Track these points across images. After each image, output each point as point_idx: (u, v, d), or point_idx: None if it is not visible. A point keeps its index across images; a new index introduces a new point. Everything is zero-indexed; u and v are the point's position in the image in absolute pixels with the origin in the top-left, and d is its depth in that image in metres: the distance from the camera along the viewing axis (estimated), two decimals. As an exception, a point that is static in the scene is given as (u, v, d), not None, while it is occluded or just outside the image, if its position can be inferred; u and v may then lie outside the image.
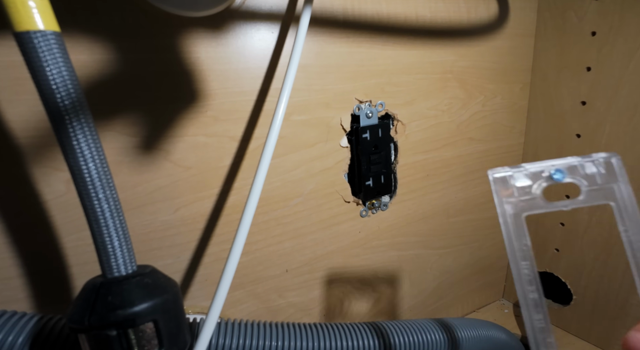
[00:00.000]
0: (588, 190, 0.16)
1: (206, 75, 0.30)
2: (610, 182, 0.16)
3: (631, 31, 0.39)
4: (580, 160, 0.16)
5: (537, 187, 0.16)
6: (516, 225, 0.16)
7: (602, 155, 0.16)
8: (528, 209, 0.16)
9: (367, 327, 0.31)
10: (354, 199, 0.40)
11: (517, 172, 0.16)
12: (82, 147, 0.17)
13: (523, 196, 0.16)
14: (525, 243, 0.16)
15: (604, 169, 0.16)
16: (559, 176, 0.16)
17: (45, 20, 0.15)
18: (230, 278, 0.23)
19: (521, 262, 0.16)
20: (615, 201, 0.16)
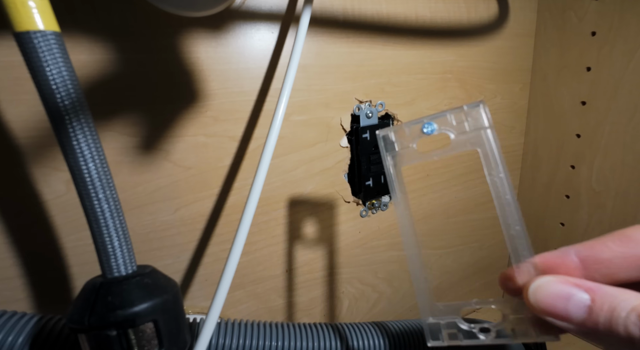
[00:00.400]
0: (456, 139, 0.17)
1: (206, 75, 0.30)
2: (477, 130, 0.17)
3: (631, 31, 0.39)
4: (450, 112, 0.17)
5: (413, 141, 0.18)
6: (397, 176, 0.19)
7: (469, 104, 0.17)
8: (405, 161, 0.18)
9: (367, 327, 0.31)
10: (354, 199, 0.40)
11: (397, 130, 0.18)
12: (82, 147, 0.17)
13: (402, 150, 0.18)
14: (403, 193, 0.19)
15: (471, 117, 0.17)
16: (429, 129, 0.17)
17: (45, 20, 0.15)
18: (230, 278, 0.23)
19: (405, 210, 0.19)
20: (482, 147, 0.16)
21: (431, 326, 0.18)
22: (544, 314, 0.15)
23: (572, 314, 0.14)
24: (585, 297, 0.14)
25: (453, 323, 0.18)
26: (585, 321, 0.14)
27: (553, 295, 0.14)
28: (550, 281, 0.15)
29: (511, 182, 0.16)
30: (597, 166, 0.45)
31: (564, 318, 0.14)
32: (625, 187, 0.43)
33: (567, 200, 0.49)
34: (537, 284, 0.15)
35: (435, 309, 0.18)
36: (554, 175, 0.50)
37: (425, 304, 0.18)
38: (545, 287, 0.15)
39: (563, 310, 0.14)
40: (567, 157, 0.48)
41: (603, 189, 0.45)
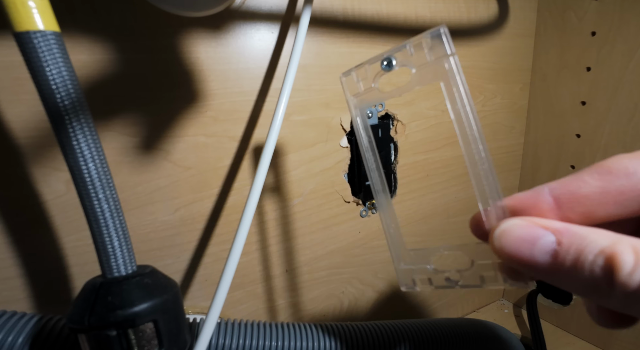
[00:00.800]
0: (418, 73, 0.15)
1: (206, 75, 0.30)
2: (439, 58, 0.15)
3: (631, 31, 0.39)
4: (409, 42, 0.15)
5: (375, 81, 0.17)
6: (362, 118, 0.18)
7: (430, 31, 0.15)
8: (368, 102, 0.17)
9: (367, 327, 0.31)
10: (353, 199, 0.40)
11: (359, 69, 0.17)
12: (82, 147, 0.17)
13: (365, 91, 0.17)
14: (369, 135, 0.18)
15: (432, 46, 0.15)
16: (387, 63, 0.16)
17: (45, 20, 0.15)
18: (230, 278, 0.23)
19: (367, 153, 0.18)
20: (444, 77, 0.15)
21: (404, 272, 0.18)
22: (510, 261, 0.13)
23: (538, 259, 0.13)
24: (552, 240, 0.12)
25: (424, 269, 0.18)
26: (550, 266, 0.12)
27: (518, 240, 0.13)
28: (516, 224, 0.14)
29: (478, 117, 0.15)
30: (597, 166, 0.45)
31: (529, 264, 0.13)
32: (625, 187, 0.43)
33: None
34: (502, 228, 0.14)
35: (406, 256, 0.18)
36: (554, 175, 0.50)
37: (397, 250, 0.19)
38: (510, 231, 0.14)
39: (528, 255, 0.13)
40: (567, 157, 0.48)
41: (603, 189, 0.45)
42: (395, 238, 0.19)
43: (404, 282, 0.18)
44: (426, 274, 0.18)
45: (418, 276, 0.18)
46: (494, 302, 0.60)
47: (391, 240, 0.19)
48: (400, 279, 0.18)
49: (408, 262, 0.18)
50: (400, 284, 0.18)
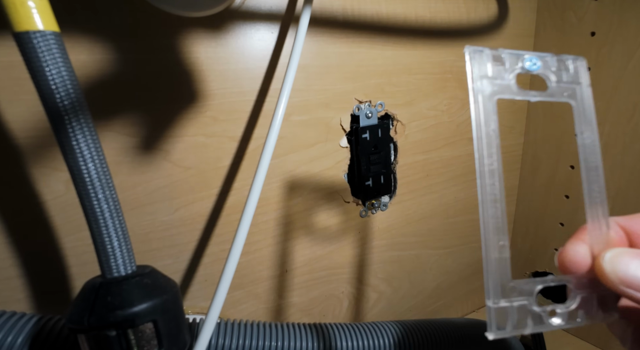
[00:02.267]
0: (554, 86, 0.16)
1: (205, 75, 0.30)
2: (574, 83, 0.16)
3: (630, 31, 0.39)
4: (551, 56, 0.16)
5: (511, 72, 0.16)
6: (488, 106, 0.15)
7: (570, 56, 0.16)
8: (500, 92, 0.15)
9: (367, 327, 0.31)
10: (353, 199, 0.40)
11: (494, 53, 0.16)
12: (81, 147, 0.17)
13: (497, 79, 0.15)
14: (494, 128, 0.15)
15: (571, 69, 0.16)
16: (533, 65, 0.16)
17: (44, 20, 0.15)
18: (229, 278, 0.23)
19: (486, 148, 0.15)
20: (576, 101, 0.16)
21: (499, 312, 0.14)
22: (625, 285, 0.13)
23: None
24: None
25: (524, 306, 0.14)
26: None
27: (635, 266, 0.13)
28: (629, 251, 0.14)
29: (599, 145, 0.16)
30: (596, 166, 0.45)
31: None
32: (624, 187, 0.43)
33: (566, 200, 0.49)
34: (615, 252, 0.14)
35: (507, 289, 0.14)
36: (554, 175, 0.50)
37: (496, 282, 0.14)
38: (625, 256, 0.14)
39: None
40: (567, 157, 0.48)
41: (602, 189, 0.45)
42: (499, 265, 0.14)
43: (496, 326, 0.14)
44: (525, 313, 0.15)
45: (515, 316, 0.14)
46: (494, 302, 0.60)
47: (491, 266, 0.14)
48: (492, 321, 0.14)
49: (508, 297, 0.14)
50: (491, 328, 0.14)
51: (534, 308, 0.15)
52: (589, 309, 0.15)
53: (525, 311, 0.15)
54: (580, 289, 0.15)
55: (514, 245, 0.57)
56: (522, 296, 0.15)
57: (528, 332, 0.15)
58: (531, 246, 0.54)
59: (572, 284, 0.15)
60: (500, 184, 0.15)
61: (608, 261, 0.14)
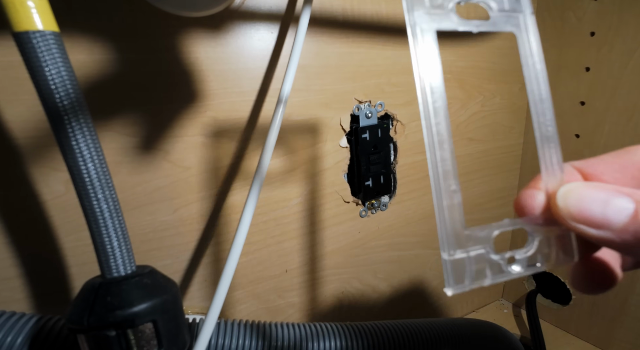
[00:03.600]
0: (496, 15, 0.15)
1: (205, 75, 0.30)
2: (516, 12, 0.15)
3: (630, 31, 0.39)
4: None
5: (449, 1, 0.14)
6: (428, 40, 0.14)
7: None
8: (439, 23, 0.14)
9: (366, 327, 0.31)
10: (353, 199, 0.40)
11: None
12: (81, 147, 0.17)
13: (435, 9, 0.14)
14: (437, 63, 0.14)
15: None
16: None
17: (44, 20, 0.15)
18: (229, 278, 0.23)
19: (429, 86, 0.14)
20: (519, 30, 0.15)
21: (456, 264, 0.13)
22: (577, 221, 0.13)
23: (612, 219, 0.12)
24: (627, 200, 0.12)
25: (482, 255, 0.14)
26: (628, 226, 0.12)
27: (587, 198, 0.12)
28: (582, 185, 0.13)
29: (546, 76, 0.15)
30: (596, 166, 0.45)
31: (601, 223, 0.12)
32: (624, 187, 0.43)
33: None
34: (567, 187, 0.13)
35: (462, 238, 0.13)
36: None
37: (450, 231, 0.13)
38: (577, 190, 0.13)
39: (600, 214, 0.12)
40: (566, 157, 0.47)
41: (602, 189, 0.45)
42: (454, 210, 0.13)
43: (454, 280, 0.13)
44: (483, 263, 0.14)
45: (474, 267, 0.13)
46: (494, 302, 0.60)
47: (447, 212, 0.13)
48: (450, 274, 0.13)
49: (464, 247, 0.13)
50: (448, 283, 0.13)
51: (491, 256, 0.14)
52: (547, 253, 0.14)
53: (483, 260, 0.14)
54: (537, 232, 0.14)
55: (513, 245, 0.57)
56: (479, 244, 0.14)
57: (487, 283, 0.14)
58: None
59: (529, 227, 0.15)
60: (446, 123, 0.13)
61: (561, 197, 0.13)
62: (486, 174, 0.51)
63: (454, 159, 0.13)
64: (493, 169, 0.51)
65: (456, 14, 0.14)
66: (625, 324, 0.44)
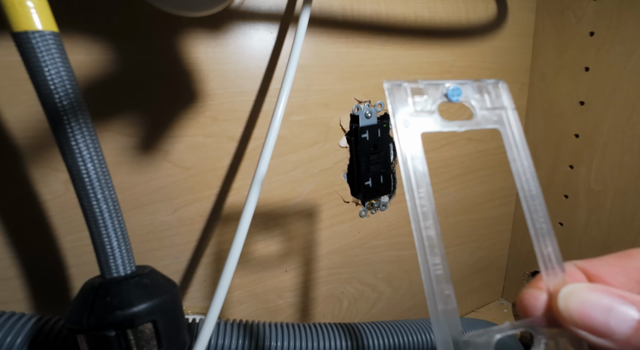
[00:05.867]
0: (480, 114, 0.15)
1: (205, 75, 0.30)
2: (499, 108, 0.15)
3: (629, 31, 0.40)
4: (471, 82, 0.15)
5: (432, 104, 0.15)
6: (414, 142, 0.14)
7: (490, 81, 0.15)
8: (424, 126, 0.14)
9: (366, 327, 0.32)
10: (353, 199, 0.40)
11: (413, 85, 0.15)
12: (80, 147, 0.17)
13: (419, 112, 0.14)
14: (422, 166, 0.14)
15: (492, 94, 0.15)
16: (455, 94, 0.15)
17: (43, 20, 0.15)
18: (229, 278, 0.23)
19: (416, 189, 0.14)
20: (504, 126, 0.15)
21: None
22: (577, 326, 0.12)
23: (614, 329, 0.11)
24: (632, 310, 0.11)
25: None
26: (631, 338, 0.11)
27: (590, 304, 0.12)
28: (584, 287, 0.12)
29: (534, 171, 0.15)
30: (595, 166, 0.45)
31: (603, 332, 0.11)
32: (623, 186, 0.43)
33: (565, 200, 0.49)
34: (569, 288, 0.12)
35: (460, 344, 0.13)
36: (553, 175, 0.50)
37: (446, 336, 0.13)
38: (579, 293, 0.12)
39: (602, 322, 0.11)
40: (566, 157, 0.48)
41: (601, 188, 0.45)
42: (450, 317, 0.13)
43: None
44: None
45: None
46: (493, 302, 0.60)
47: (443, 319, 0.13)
48: None
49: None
50: None
51: None
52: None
53: None
54: (543, 334, 0.14)
55: (512, 245, 0.57)
56: None
57: None
58: (530, 246, 0.54)
59: (534, 329, 0.14)
60: (435, 226, 0.13)
61: (562, 298, 0.12)
62: (486, 174, 0.51)
63: (445, 265, 0.13)
64: (492, 169, 0.51)
65: (439, 116, 0.15)
66: (625, 323, 0.44)
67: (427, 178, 0.14)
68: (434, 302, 0.13)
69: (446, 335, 0.13)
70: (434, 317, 0.13)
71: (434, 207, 0.13)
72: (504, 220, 0.56)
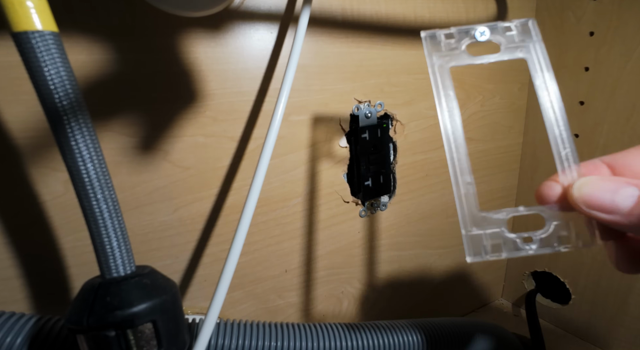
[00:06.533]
0: (506, 48, 0.18)
1: (205, 75, 0.30)
2: (526, 42, 0.18)
3: (629, 31, 0.40)
4: (501, 23, 0.18)
5: (462, 44, 0.18)
6: (442, 75, 0.18)
7: (519, 20, 0.18)
8: (453, 62, 0.18)
9: (366, 327, 0.31)
10: (353, 199, 0.40)
11: (445, 32, 0.18)
12: (80, 147, 0.17)
13: (450, 51, 0.18)
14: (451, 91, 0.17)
15: (521, 30, 0.18)
16: (482, 34, 0.18)
17: (43, 20, 0.15)
18: (229, 278, 0.23)
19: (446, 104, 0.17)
20: (530, 54, 0.17)
21: (473, 238, 0.17)
22: (590, 208, 0.15)
23: (620, 205, 0.14)
24: (633, 189, 0.14)
25: (497, 233, 0.17)
26: (633, 210, 0.14)
27: (599, 189, 0.15)
28: (595, 177, 0.15)
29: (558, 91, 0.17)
30: (595, 166, 0.45)
31: (610, 209, 0.14)
32: (623, 186, 0.43)
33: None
34: (582, 180, 0.16)
35: (478, 219, 0.17)
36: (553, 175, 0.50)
37: (467, 212, 0.17)
38: (591, 182, 0.15)
39: (610, 201, 0.14)
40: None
41: (601, 188, 0.45)
42: (468, 198, 0.17)
43: (472, 251, 0.17)
44: (498, 239, 0.17)
45: (489, 242, 0.17)
46: (493, 301, 0.60)
47: (462, 200, 0.17)
48: (468, 247, 0.17)
49: (480, 226, 0.17)
50: (468, 253, 0.17)
51: (506, 234, 0.16)
52: (566, 236, 0.17)
53: (498, 237, 0.17)
54: (554, 217, 0.17)
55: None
56: (494, 225, 0.17)
57: (504, 256, 0.16)
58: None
59: (546, 213, 0.17)
60: (460, 130, 0.17)
61: (576, 188, 0.16)
62: (485, 174, 0.51)
63: (467, 158, 0.17)
64: (492, 169, 0.51)
65: (467, 52, 0.18)
66: (625, 323, 0.44)
67: (455, 101, 0.17)
68: (459, 188, 0.17)
69: (467, 211, 0.17)
70: (458, 199, 0.17)
71: (460, 119, 0.17)
72: (504, 220, 0.55)
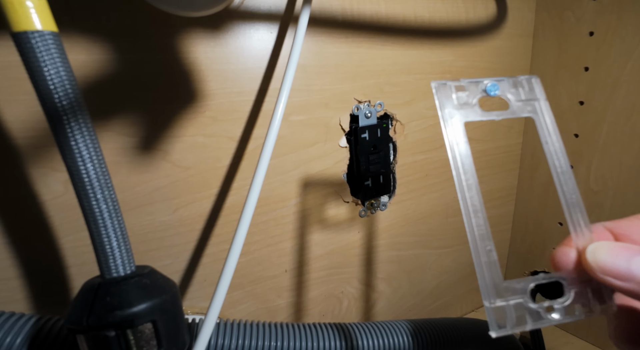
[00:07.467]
0: (515, 105, 0.18)
1: (205, 75, 0.30)
2: (532, 100, 0.18)
3: (629, 31, 0.40)
4: (507, 79, 0.18)
5: (473, 98, 0.18)
6: (458, 131, 0.17)
7: (524, 76, 0.18)
8: (466, 117, 0.17)
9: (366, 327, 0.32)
10: (353, 199, 0.40)
11: (456, 84, 0.18)
12: (80, 147, 0.17)
13: (462, 106, 0.18)
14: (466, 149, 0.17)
15: (526, 87, 0.18)
16: (493, 89, 0.18)
17: (43, 20, 0.15)
18: (229, 278, 0.23)
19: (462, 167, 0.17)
20: (536, 115, 0.18)
21: (497, 311, 0.15)
22: (605, 273, 0.14)
23: (635, 272, 0.14)
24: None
25: (521, 304, 0.16)
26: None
27: (614, 254, 0.14)
28: (609, 243, 0.15)
29: (565, 151, 0.17)
30: (595, 166, 0.45)
31: (626, 276, 0.14)
32: (623, 186, 0.43)
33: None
34: (596, 245, 0.15)
35: (501, 289, 0.16)
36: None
37: (489, 283, 0.16)
38: (605, 247, 0.15)
39: (625, 268, 0.14)
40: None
41: (601, 188, 0.45)
42: (489, 268, 0.16)
43: (497, 324, 0.15)
44: (522, 310, 0.15)
45: (514, 314, 0.15)
46: (493, 301, 0.60)
47: (482, 270, 0.16)
48: (492, 320, 0.15)
49: (503, 297, 0.15)
50: (492, 327, 0.15)
51: (530, 305, 0.16)
52: (585, 303, 0.16)
53: (522, 308, 0.16)
54: (573, 284, 0.16)
55: (512, 244, 0.57)
56: (517, 295, 0.16)
57: (529, 328, 0.15)
58: (530, 246, 0.54)
59: (565, 280, 0.16)
60: (478, 196, 0.16)
61: (590, 253, 0.15)
62: (485, 174, 0.51)
63: (487, 224, 0.16)
64: (492, 169, 0.51)
65: (479, 107, 0.17)
66: (625, 323, 0.44)
67: (470, 158, 0.17)
68: (479, 256, 0.16)
69: (489, 282, 0.16)
70: (479, 267, 0.16)
71: (477, 180, 0.16)
72: (504, 220, 0.56)
